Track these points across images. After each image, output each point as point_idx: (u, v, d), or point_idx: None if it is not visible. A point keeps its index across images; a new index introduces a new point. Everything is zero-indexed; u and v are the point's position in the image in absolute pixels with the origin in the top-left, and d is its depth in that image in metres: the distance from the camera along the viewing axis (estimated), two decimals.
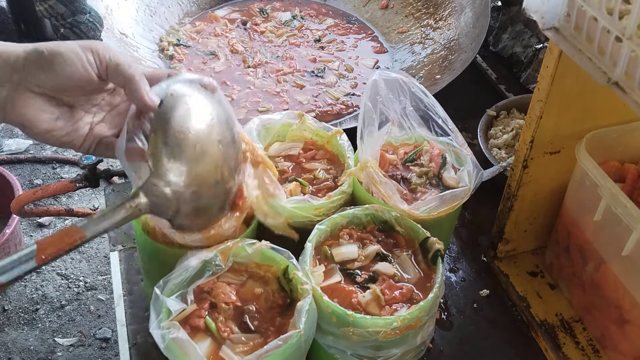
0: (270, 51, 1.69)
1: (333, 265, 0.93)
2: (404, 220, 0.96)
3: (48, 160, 2.76)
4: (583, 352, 1.05)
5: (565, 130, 1.00)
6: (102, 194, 1.63)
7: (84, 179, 1.43)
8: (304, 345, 0.82)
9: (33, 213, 1.79)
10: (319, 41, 1.73)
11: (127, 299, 1.11)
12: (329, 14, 1.86)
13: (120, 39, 1.57)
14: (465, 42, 1.56)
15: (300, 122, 1.11)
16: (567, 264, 1.09)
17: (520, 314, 1.12)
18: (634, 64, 0.71)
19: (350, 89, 1.57)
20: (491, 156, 1.29)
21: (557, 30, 0.84)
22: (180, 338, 0.77)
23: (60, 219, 2.55)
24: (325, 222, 0.95)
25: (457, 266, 1.20)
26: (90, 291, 2.30)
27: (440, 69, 1.54)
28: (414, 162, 1.07)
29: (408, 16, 1.79)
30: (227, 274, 0.89)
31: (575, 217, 1.04)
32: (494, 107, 1.41)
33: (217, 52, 1.67)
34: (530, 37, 1.58)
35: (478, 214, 1.30)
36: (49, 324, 2.19)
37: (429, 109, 1.06)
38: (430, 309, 0.87)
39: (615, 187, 0.89)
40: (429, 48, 1.66)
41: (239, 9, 1.86)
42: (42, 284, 2.32)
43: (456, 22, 1.65)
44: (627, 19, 0.71)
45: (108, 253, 2.00)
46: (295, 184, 1.03)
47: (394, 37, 1.76)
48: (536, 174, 1.05)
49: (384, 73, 1.04)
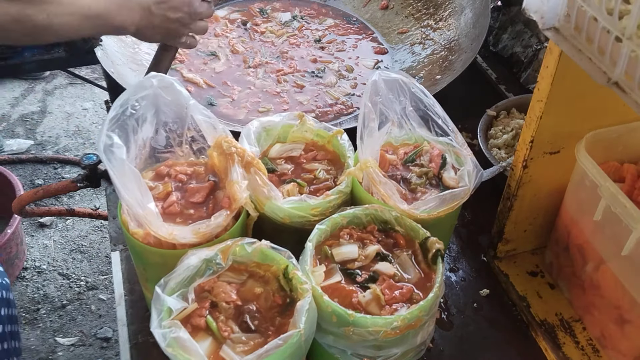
0: (271, 51, 1.69)
1: (333, 265, 0.93)
2: (404, 220, 0.96)
3: (49, 160, 2.76)
4: (583, 352, 1.05)
5: (565, 130, 1.00)
6: (103, 194, 1.63)
7: (85, 179, 1.43)
8: (304, 345, 0.82)
9: (34, 213, 1.79)
10: (319, 41, 1.74)
11: (128, 299, 1.12)
12: (329, 14, 1.86)
13: (120, 39, 1.57)
14: (465, 43, 1.57)
15: (301, 123, 1.11)
16: (567, 264, 1.09)
17: (520, 314, 1.12)
18: (634, 64, 0.71)
19: (350, 89, 1.57)
20: (491, 156, 1.29)
21: (557, 30, 0.84)
22: (181, 337, 0.78)
23: (62, 219, 2.55)
24: (325, 222, 0.95)
25: (457, 266, 1.20)
26: (91, 291, 2.31)
27: (440, 69, 1.54)
28: (414, 162, 1.07)
29: (408, 17, 1.79)
30: (228, 273, 0.89)
31: (575, 217, 1.04)
32: (494, 107, 1.42)
33: (217, 53, 1.67)
34: (530, 37, 1.58)
35: (478, 214, 1.30)
36: (50, 324, 2.20)
37: (428, 109, 1.06)
38: (430, 309, 0.87)
39: (614, 187, 0.89)
40: (429, 48, 1.66)
41: (239, 9, 1.86)
42: (43, 283, 2.32)
43: (456, 23, 1.65)
44: (627, 19, 0.71)
45: (109, 253, 2.00)
46: (293, 184, 1.03)
47: (394, 38, 1.76)
48: (536, 174, 1.05)
49: (384, 73, 1.04)
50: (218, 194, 0.98)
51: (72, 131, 2.96)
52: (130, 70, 1.48)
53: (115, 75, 1.38)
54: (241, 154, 0.94)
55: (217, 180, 1.00)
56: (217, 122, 0.98)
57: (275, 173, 1.07)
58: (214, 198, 0.98)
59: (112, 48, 1.50)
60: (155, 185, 0.98)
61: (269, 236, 0.92)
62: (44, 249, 2.45)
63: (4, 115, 3.02)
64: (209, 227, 0.90)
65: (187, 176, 1.01)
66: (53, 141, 2.90)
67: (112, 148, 0.86)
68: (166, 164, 1.02)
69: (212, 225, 0.90)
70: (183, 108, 0.98)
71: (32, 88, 3.19)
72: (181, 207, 0.96)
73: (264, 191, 0.96)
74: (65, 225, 2.54)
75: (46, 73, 3.22)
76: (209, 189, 0.98)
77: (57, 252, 2.44)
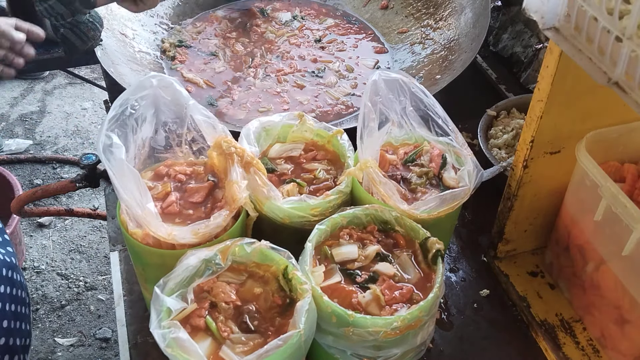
0: (271, 51, 1.69)
1: (333, 265, 0.93)
2: (404, 220, 0.96)
3: (48, 160, 2.76)
4: (583, 352, 1.05)
5: (565, 130, 1.00)
6: (102, 194, 1.63)
7: (84, 179, 1.43)
8: (304, 345, 0.82)
9: (33, 213, 1.79)
10: (319, 41, 1.73)
11: (127, 299, 1.11)
12: (329, 14, 1.86)
13: (121, 39, 1.57)
14: (465, 42, 1.56)
15: (301, 123, 1.11)
16: (567, 264, 1.09)
17: (520, 314, 1.12)
18: (634, 64, 0.71)
19: (350, 89, 1.57)
20: (491, 156, 1.29)
21: (557, 30, 0.84)
22: (180, 338, 0.77)
23: (60, 219, 2.55)
24: (325, 222, 0.95)
25: (457, 266, 1.20)
26: (90, 291, 2.30)
27: (440, 69, 1.54)
28: (414, 162, 1.07)
29: (408, 16, 1.79)
30: (227, 273, 0.89)
31: (575, 217, 1.04)
32: (494, 107, 1.42)
33: (217, 53, 1.67)
34: (530, 37, 1.58)
35: (478, 214, 1.30)
36: (49, 324, 2.19)
37: (429, 109, 1.06)
38: (430, 309, 0.87)
39: (615, 187, 0.89)
40: (429, 48, 1.66)
41: (239, 9, 1.86)
42: (42, 284, 2.32)
43: (456, 23, 1.65)
44: (627, 19, 0.71)
45: (108, 253, 2.00)
46: (293, 184, 1.03)
47: (394, 38, 1.76)
48: (536, 174, 1.05)
49: (384, 73, 1.04)
50: (217, 194, 0.98)
51: (71, 131, 2.96)
52: (130, 70, 1.47)
53: (114, 74, 1.38)
54: (241, 154, 0.94)
55: (216, 180, 1.00)
56: (217, 122, 0.98)
57: (275, 173, 1.07)
58: (213, 198, 0.98)
59: (112, 48, 1.50)
60: (154, 185, 0.98)
61: (268, 236, 0.92)
62: (42, 249, 2.44)
63: (3, 115, 3.02)
64: (208, 228, 0.90)
65: (187, 176, 1.01)
66: (52, 141, 2.90)
67: (112, 148, 0.86)
68: (165, 164, 1.02)
69: (212, 225, 0.90)
70: (183, 108, 0.98)
71: (31, 88, 3.19)
72: (180, 207, 0.96)
73: (264, 191, 0.96)
74: (64, 225, 2.54)
75: (45, 73, 3.22)
76: (208, 189, 0.98)
77: (55, 252, 2.44)
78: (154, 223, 0.87)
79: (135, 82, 0.95)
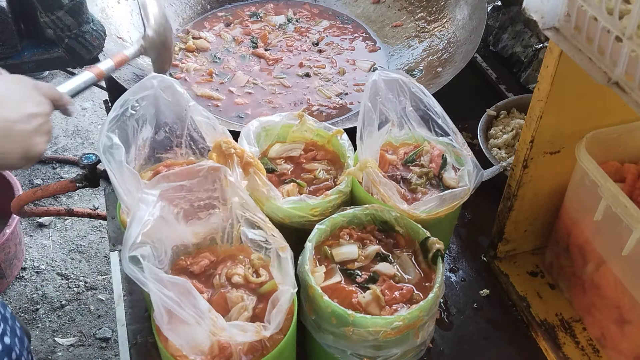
0: (266, 54, 1.68)
1: (333, 266, 0.93)
2: (404, 220, 0.96)
3: (48, 160, 2.76)
4: (583, 352, 1.05)
5: (565, 130, 1.00)
6: (102, 193, 1.63)
7: (84, 179, 1.43)
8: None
9: (33, 213, 1.79)
10: (316, 44, 1.72)
11: (127, 299, 1.11)
12: (321, 15, 1.84)
13: (118, 42, 1.56)
14: (463, 35, 1.56)
15: (301, 123, 1.11)
16: (567, 264, 1.09)
17: (520, 314, 1.12)
18: (634, 64, 0.71)
19: (348, 89, 1.57)
20: (491, 156, 1.29)
21: (557, 30, 0.84)
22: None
23: (60, 219, 2.55)
24: (325, 222, 0.95)
25: (457, 266, 1.20)
26: (90, 291, 2.30)
27: (440, 62, 1.54)
28: (414, 163, 1.07)
29: (401, 10, 1.79)
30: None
31: (575, 217, 1.04)
32: (494, 107, 1.42)
33: (212, 57, 1.66)
34: (530, 37, 1.58)
35: (478, 214, 1.30)
36: (49, 324, 2.19)
37: (428, 108, 1.06)
38: (430, 309, 0.87)
39: (615, 187, 0.89)
40: (426, 41, 1.65)
41: (233, 13, 1.84)
42: (42, 284, 2.32)
43: (451, 15, 1.65)
44: (627, 18, 0.71)
45: (108, 253, 2.00)
46: (293, 184, 1.03)
47: (389, 32, 1.75)
48: (536, 174, 1.05)
49: (383, 73, 1.04)
50: None
51: (71, 131, 2.95)
52: (130, 70, 1.47)
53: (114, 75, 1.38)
54: (240, 155, 0.94)
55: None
56: (217, 123, 0.98)
57: (274, 173, 1.07)
58: None
59: (112, 51, 1.50)
60: None
61: None
62: (42, 249, 2.44)
63: None
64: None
65: None
66: (52, 141, 2.89)
67: (112, 149, 0.86)
68: (164, 164, 1.02)
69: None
70: (183, 109, 0.98)
71: None
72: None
73: (264, 191, 0.96)
74: (64, 225, 2.54)
75: (45, 73, 3.21)
76: None
77: (55, 252, 2.44)
78: None
79: (136, 83, 0.95)
